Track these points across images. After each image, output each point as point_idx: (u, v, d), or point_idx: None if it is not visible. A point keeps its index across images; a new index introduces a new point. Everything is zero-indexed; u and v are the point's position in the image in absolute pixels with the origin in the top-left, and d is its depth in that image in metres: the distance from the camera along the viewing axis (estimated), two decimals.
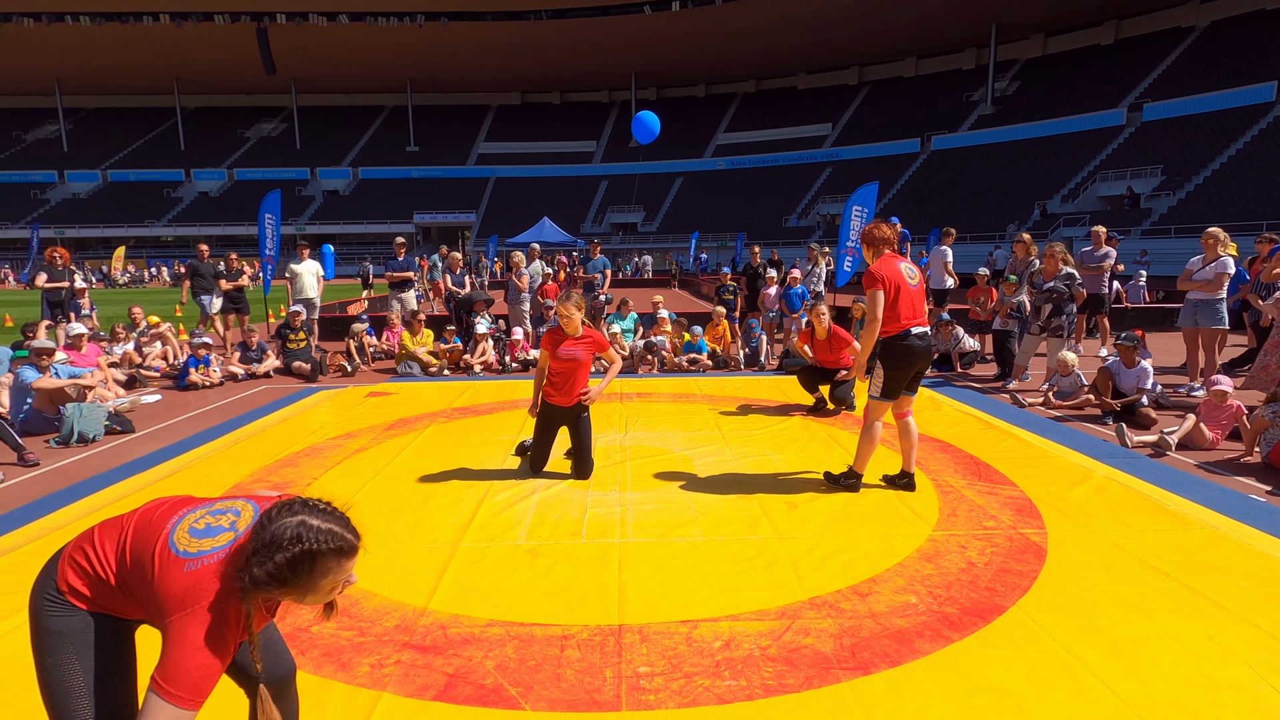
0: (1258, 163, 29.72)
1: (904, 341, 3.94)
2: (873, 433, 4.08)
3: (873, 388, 4.05)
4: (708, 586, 3.03)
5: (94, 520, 3.83)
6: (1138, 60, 42.28)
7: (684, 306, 16.41)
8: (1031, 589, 2.95)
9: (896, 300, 3.93)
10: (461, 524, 3.77)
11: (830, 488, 4.23)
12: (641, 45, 52.74)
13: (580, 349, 4.46)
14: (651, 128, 9.25)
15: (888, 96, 54.10)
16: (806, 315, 9.33)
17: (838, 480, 4.22)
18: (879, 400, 4.04)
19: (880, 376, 4.00)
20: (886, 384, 3.99)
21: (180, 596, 1.38)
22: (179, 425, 6.21)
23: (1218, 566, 3.12)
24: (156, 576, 1.42)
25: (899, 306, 3.93)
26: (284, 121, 63.19)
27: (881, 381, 4.00)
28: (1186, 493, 4.08)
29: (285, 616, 2.80)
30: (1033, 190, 37.53)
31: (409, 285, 10.71)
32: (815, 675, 2.37)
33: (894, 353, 3.96)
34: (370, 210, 53.17)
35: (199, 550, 1.43)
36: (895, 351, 3.96)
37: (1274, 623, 2.65)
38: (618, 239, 49.04)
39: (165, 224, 53.37)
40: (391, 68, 57.31)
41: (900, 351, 3.95)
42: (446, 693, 2.30)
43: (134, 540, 1.50)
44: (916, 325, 3.96)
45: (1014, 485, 4.27)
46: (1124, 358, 6.10)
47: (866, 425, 4.10)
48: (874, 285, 3.92)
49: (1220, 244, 6.78)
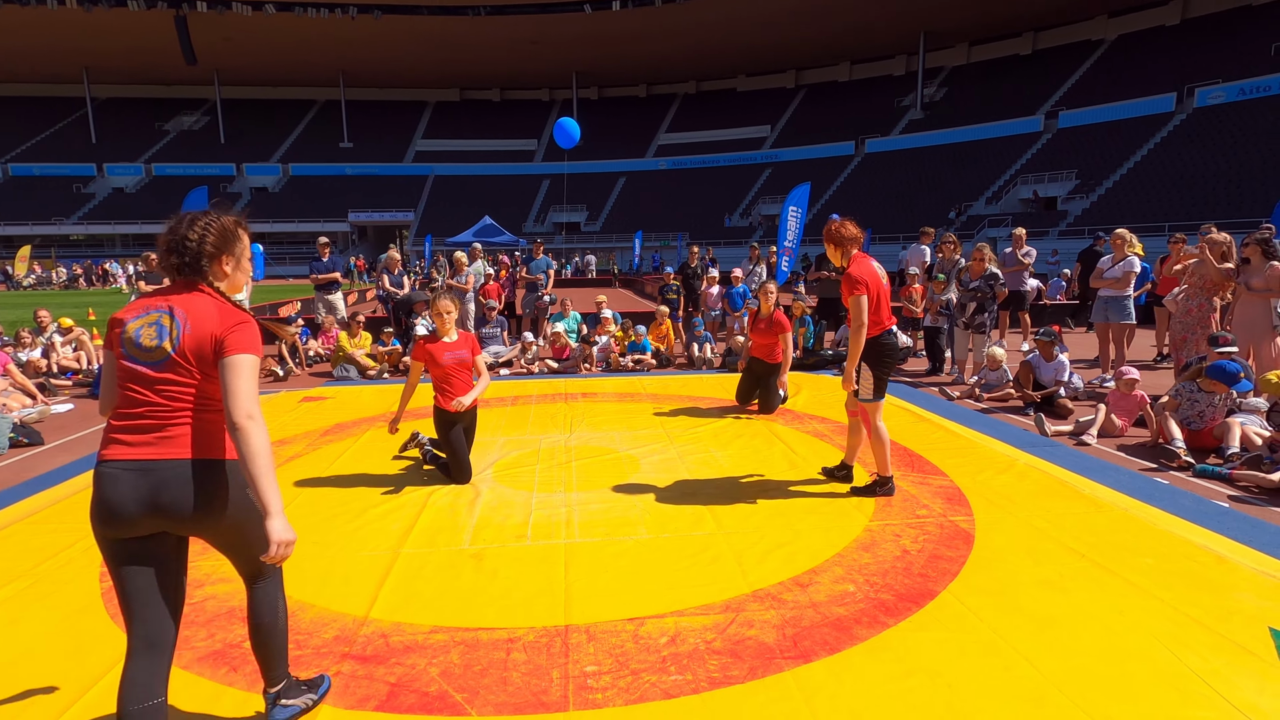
0: (1161, 168, 31.93)
1: (886, 341, 4.00)
2: (880, 433, 4.04)
3: (863, 391, 4.02)
4: (654, 583, 3.06)
5: (1, 538, 3.58)
6: (1053, 70, 44.74)
7: (627, 306, 16.46)
8: (961, 573, 3.10)
9: (879, 303, 3.95)
10: (403, 530, 3.68)
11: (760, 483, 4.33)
12: (582, 44, 52.50)
13: (464, 349, 4.55)
14: (572, 134, 9.44)
15: (824, 100, 55.55)
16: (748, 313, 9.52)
17: (871, 490, 4.12)
18: (873, 401, 4.02)
19: (869, 378, 3.99)
20: (876, 384, 4.00)
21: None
22: (94, 436, 5.85)
23: (1126, 546, 3.35)
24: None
25: (880, 308, 3.96)
26: (207, 114, 60.15)
27: (871, 383, 3.99)
28: (1099, 478, 4.35)
29: (216, 633, 2.69)
30: (959, 193, 39.23)
31: (335, 287, 10.37)
32: (759, 666, 2.43)
33: (879, 353, 3.99)
34: (302, 208, 51.16)
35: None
36: (880, 351, 3.99)
37: (1176, 596, 2.86)
38: (560, 238, 48.72)
39: (75, 221, 50.04)
40: (323, 60, 55.25)
41: (885, 351, 4.00)
42: (389, 702, 2.25)
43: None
44: (891, 323, 4.04)
45: (944, 475, 4.47)
46: (1043, 352, 6.46)
47: (873, 429, 4.06)
48: (857, 290, 3.88)
49: (1127, 244, 7.25)
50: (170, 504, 1.77)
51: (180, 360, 1.80)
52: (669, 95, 62.49)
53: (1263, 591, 2.89)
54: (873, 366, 4.00)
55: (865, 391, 4.03)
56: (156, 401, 1.79)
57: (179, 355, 1.80)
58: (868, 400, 4.04)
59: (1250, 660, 2.41)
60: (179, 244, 1.85)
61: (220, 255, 1.91)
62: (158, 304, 1.85)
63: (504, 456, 5.04)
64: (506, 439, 5.54)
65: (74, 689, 2.34)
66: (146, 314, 1.83)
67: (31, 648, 2.59)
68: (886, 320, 4.02)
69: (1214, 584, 2.96)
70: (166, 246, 1.87)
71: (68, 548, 3.50)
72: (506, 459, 4.98)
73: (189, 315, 1.82)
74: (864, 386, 4.02)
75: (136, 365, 1.80)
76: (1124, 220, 26.62)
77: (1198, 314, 6.54)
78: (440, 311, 4.55)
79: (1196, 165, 30.54)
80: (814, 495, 4.15)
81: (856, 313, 3.90)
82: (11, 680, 2.39)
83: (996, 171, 39.40)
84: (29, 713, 2.22)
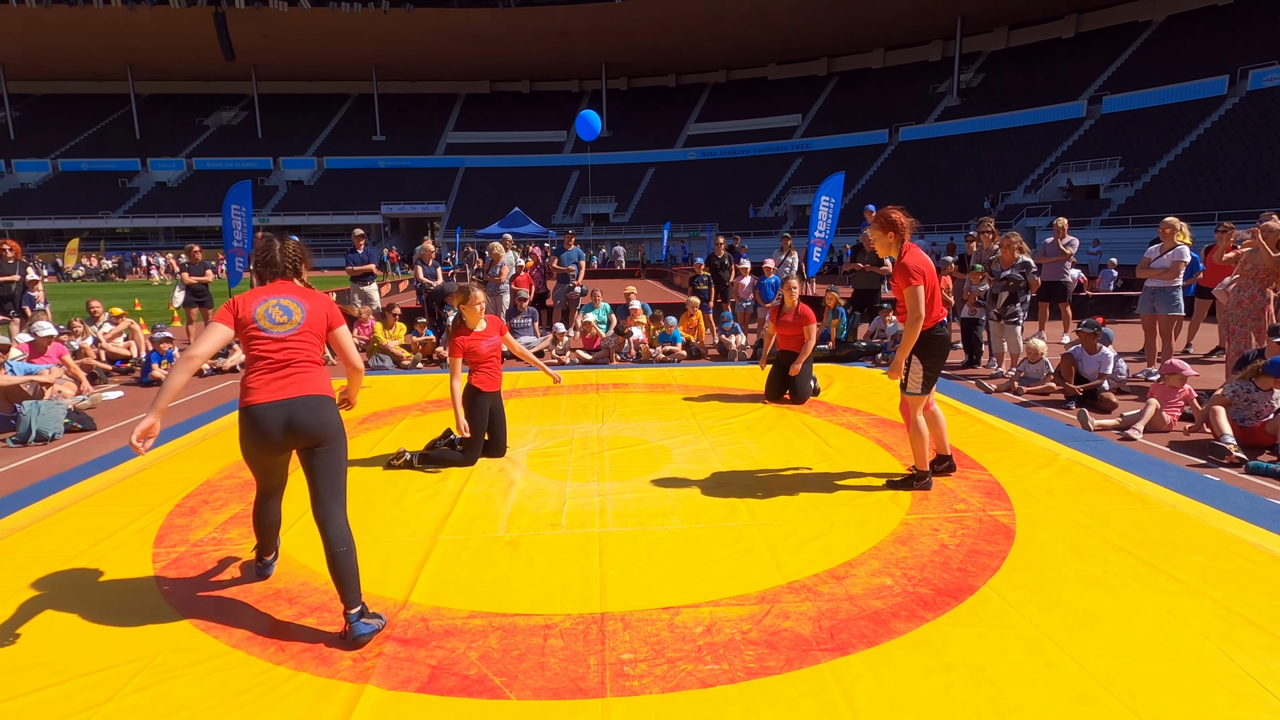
0: (1210, 154, 30.71)
1: (939, 333, 3.90)
2: (919, 427, 3.96)
3: (911, 384, 3.92)
4: (688, 573, 3.06)
5: (58, 520, 3.73)
6: (1097, 53, 43.28)
7: (657, 297, 16.43)
8: (1001, 569, 3.05)
9: (932, 295, 3.83)
10: (439, 517, 3.75)
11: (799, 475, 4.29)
12: (611, 34, 52.34)
13: (496, 335, 4.80)
14: (594, 126, 9.52)
15: (856, 88, 54.58)
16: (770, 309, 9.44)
17: (908, 483, 4.05)
18: (919, 395, 3.93)
19: (919, 371, 3.89)
20: (926, 377, 3.90)
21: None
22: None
23: (1175, 543, 3.25)
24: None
25: (934, 300, 3.84)
26: (245, 109, 61.49)
27: (920, 376, 3.89)
28: (1146, 473, 4.23)
29: (264, 613, 2.77)
30: (997, 181, 38.28)
31: (370, 278, 10.53)
32: (795, 657, 2.42)
33: (931, 346, 3.88)
34: (336, 201, 52.09)
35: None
36: (932, 345, 3.89)
37: (1228, 595, 2.77)
38: (589, 230, 48.81)
39: (121, 215, 51.64)
40: (356, 55, 56.02)
41: (937, 344, 3.90)
42: (430, 684, 2.30)
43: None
44: (943, 314, 3.94)
45: (983, 469, 4.39)
46: (1085, 344, 6.29)
47: (911, 423, 3.99)
48: (913, 280, 3.75)
49: (1176, 232, 7.00)
50: (301, 425, 2.57)
51: (305, 330, 2.66)
52: (699, 85, 62.02)
53: None
54: (922, 359, 3.90)
55: (913, 385, 3.93)
56: (285, 359, 2.60)
57: (304, 328, 2.65)
58: (913, 394, 3.95)
59: None
60: (276, 258, 2.72)
61: (302, 263, 2.81)
62: (274, 293, 2.68)
63: (538, 446, 5.09)
64: (539, 429, 5.59)
65: (129, 668, 2.43)
66: (267, 300, 2.65)
67: (89, 626, 2.70)
68: (939, 312, 3.92)
69: (1269, 584, 2.86)
70: (264, 260, 2.72)
71: (121, 529, 3.64)
72: (540, 448, 5.02)
73: (305, 301, 2.70)
74: (912, 379, 3.93)
75: (270, 334, 2.60)
76: (1169, 210, 25.76)
77: (1250, 305, 6.31)
78: (474, 303, 4.64)
79: (1249, 151, 29.31)
80: (848, 488, 4.11)
81: (914, 305, 3.76)
82: (70, 658, 2.50)
83: (1036, 159, 38.33)
84: (84, 694, 2.31)
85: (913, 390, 3.95)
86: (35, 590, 2.99)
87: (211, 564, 3.23)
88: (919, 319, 3.78)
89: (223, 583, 3.05)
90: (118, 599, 2.91)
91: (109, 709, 2.20)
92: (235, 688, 2.29)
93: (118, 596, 2.93)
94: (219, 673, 2.38)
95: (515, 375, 7.95)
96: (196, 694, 2.27)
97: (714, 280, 10.75)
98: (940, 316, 3.94)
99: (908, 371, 3.94)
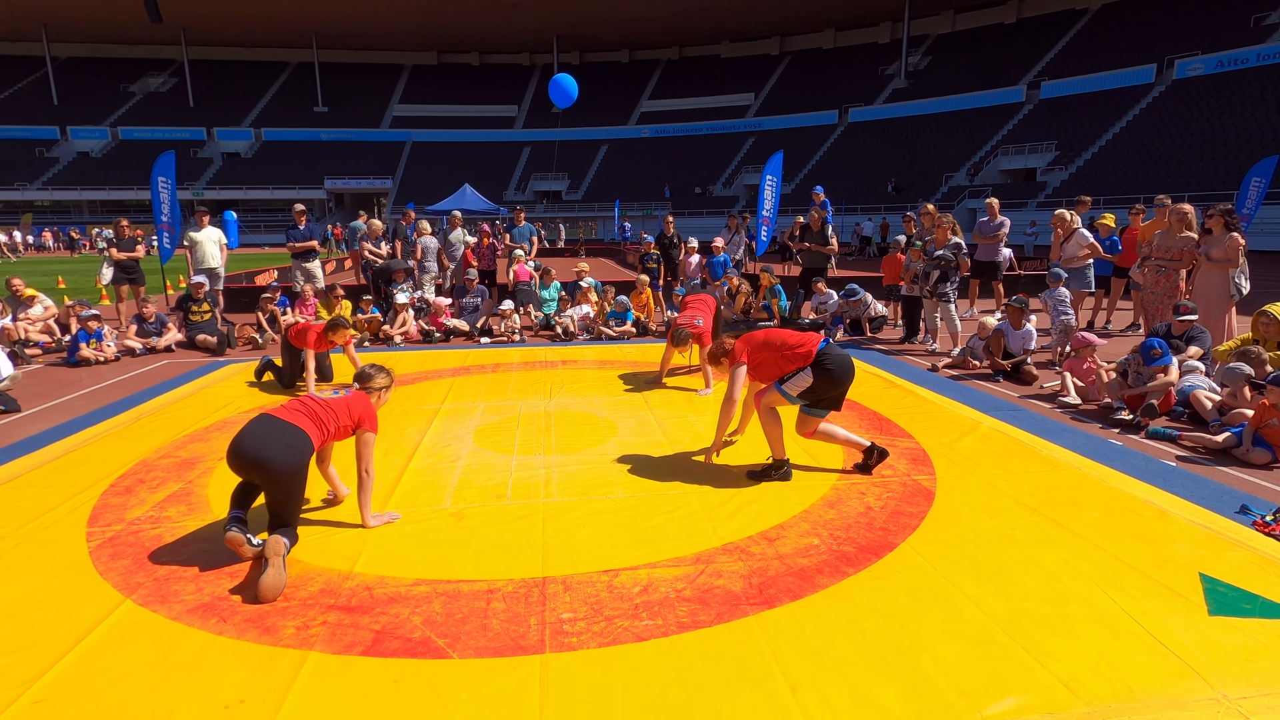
0: (1140, 139, 32.19)
1: (827, 365, 3.74)
2: (774, 415, 3.86)
3: (792, 389, 3.78)
4: (628, 538, 3.19)
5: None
6: (1037, 40, 44.63)
7: (608, 275, 16.46)
8: (920, 528, 3.27)
9: (781, 351, 3.85)
10: (385, 491, 3.78)
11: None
12: (563, 5, 51.32)
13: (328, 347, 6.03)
14: (569, 91, 9.14)
15: (808, 68, 55.02)
16: (728, 282, 9.61)
17: (767, 474, 3.88)
18: (791, 403, 3.82)
19: (807, 385, 3.75)
20: (812, 392, 3.78)
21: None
22: (71, 403, 5.84)
23: (1077, 501, 3.54)
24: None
25: (792, 354, 3.84)
26: (174, 76, 58.25)
27: (808, 388, 3.76)
28: (1057, 439, 4.55)
29: (204, 587, 2.78)
30: (942, 163, 39.31)
31: (313, 255, 10.27)
32: (725, 611, 2.58)
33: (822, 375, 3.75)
34: (276, 175, 50.07)
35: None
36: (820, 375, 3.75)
37: (1117, 545, 3.05)
38: (542, 207, 48.22)
39: (39, 187, 48.54)
40: (295, 20, 53.55)
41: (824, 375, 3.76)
42: (374, 647, 2.37)
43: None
44: (812, 348, 3.81)
45: (911, 437, 4.64)
46: (1012, 319, 6.64)
47: (765, 409, 3.86)
48: (738, 359, 3.89)
49: (1069, 221, 7.94)
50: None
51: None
52: (652, 61, 61.52)
53: (1197, 541, 3.09)
54: (819, 381, 3.72)
55: (794, 390, 3.75)
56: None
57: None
58: (788, 399, 3.78)
59: (1179, 602, 2.60)
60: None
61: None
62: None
63: (485, 422, 5.13)
64: (487, 404, 5.63)
65: (64, 643, 2.42)
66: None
67: (20, 606, 2.67)
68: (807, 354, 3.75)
69: (1153, 535, 3.15)
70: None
71: (51, 509, 3.56)
72: (488, 424, 5.07)
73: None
74: (797, 386, 3.74)
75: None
76: (1101, 191, 26.94)
77: (1167, 285, 6.77)
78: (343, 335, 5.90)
79: (1174, 137, 30.84)
80: None
81: (732, 384, 3.84)
82: (2, 636, 2.47)
83: (979, 142, 39.48)
84: (19, 669, 2.30)
85: (790, 394, 3.78)
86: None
87: (149, 542, 3.20)
88: (732, 401, 3.87)
89: (161, 559, 3.03)
90: (50, 578, 2.87)
91: (48, 681, 2.20)
92: (176, 659, 2.32)
93: (50, 575, 2.89)
94: (159, 645, 2.40)
95: (464, 353, 7.93)
96: (137, 665, 2.28)
97: (664, 259, 10.85)
98: (812, 349, 3.76)
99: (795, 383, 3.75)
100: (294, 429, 3.04)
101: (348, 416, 3.23)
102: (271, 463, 2.90)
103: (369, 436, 3.26)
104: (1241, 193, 11.65)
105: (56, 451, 4.49)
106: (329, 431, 3.17)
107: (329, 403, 3.22)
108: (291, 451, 2.97)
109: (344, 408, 3.24)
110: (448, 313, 9.14)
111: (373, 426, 3.28)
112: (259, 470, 2.93)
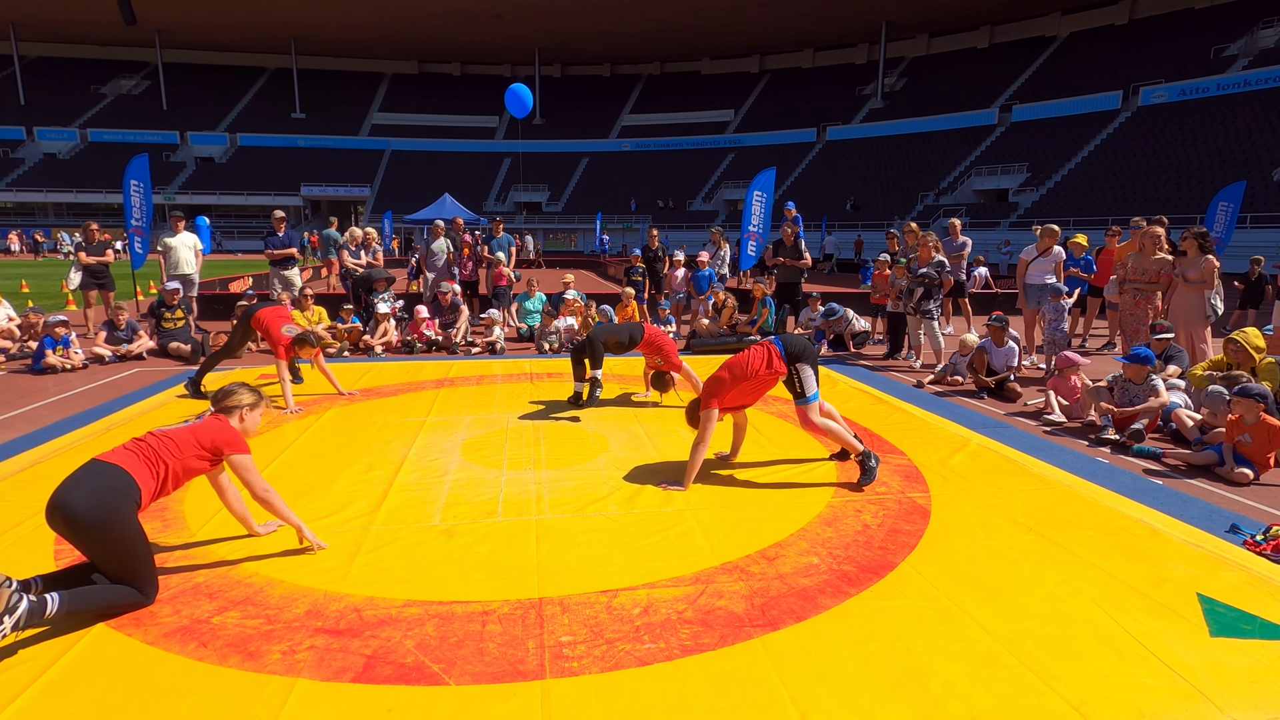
0: (1107, 163, 33.11)
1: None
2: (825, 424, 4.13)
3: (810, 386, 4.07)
4: (625, 557, 3.12)
5: None
6: (1008, 64, 45.82)
7: (592, 288, 16.41)
8: (918, 546, 3.25)
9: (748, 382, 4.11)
10: (370, 507, 3.66)
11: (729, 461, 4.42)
12: (545, 17, 51.43)
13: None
14: (525, 100, 9.36)
15: (787, 86, 55.80)
16: (713, 296, 9.62)
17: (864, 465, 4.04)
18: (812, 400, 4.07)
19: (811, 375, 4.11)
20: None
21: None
22: (36, 412, 5.61)
23: (1071, 520, 3.55)
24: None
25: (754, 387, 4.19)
26: (147, 78, 57.16)
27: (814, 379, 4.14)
28: (1046, 457, 4.58)
29: (181, 609, 2.65)
30: (918, 182, 40.04)
31: (291, 263, 10.07)
32: (729, 634, 2.52)
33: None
34: (252, 180, 49.23)
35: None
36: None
37: (1114, 565, 3.05)
38: (522, 218, 48.08)
39: (3, 188, 47.17)
40: (272, 25, 52.91)
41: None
42: (366, 674, 2.26)
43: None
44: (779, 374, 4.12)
45: (902, 454, 4.64)
46: (995, 338, 6.71)
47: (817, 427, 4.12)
48: (710, 405, 4.03)
49: (1049, 238, 8.10)
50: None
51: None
52: (633, 76, 61.91)
53: (1191, 560, 3.10)
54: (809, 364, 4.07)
55: (809, 390, 4.04)
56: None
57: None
58: (815, 398, 4.06)
59: (1179, 623, 2.60)
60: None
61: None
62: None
63: (472, 435, 5.03)
64: (473, 418, 5.52)
65: (35, 667, 2.28)
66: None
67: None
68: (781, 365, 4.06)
69: (1148, 554, 3.17)
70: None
71: (17, 525, 3.38)
72: (474, 438, 4.97)
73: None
74: (809, 384, 4.05)
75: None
76: (1071, 213, 27.65)
77: (1143, 306, 6.91)
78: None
79: (1138, 162, 31.77)
80: (779, 473, 4.26)
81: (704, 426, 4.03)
82: None
83: (953, 162, 40.30)
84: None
85: (813, 392, 4.06)
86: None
87: None
88: (704, 443, 3.98)
89: None
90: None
91: (18, 707, 2.06)
92: (155, 687, 2.19)
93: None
94: (136, 671, 2.27)
95: (448, 364, 7.80)
96: (111, 693, 2.15)
97: (648, 272, 10.83)
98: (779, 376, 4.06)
99: (802, 382, 4.04)
100: (112, 469, 2.56)
101: (196, 446, 2.79)
102: (72, 510, 2.41)
103: (241, 459, 2.86)
104: (1209, 216, 12.00)
105: (21, 464, 4.29)
106: (166, 469, 2.68)
107: (171, 433, 2.80)
108: (95, 496, 2.45)
109: (189, 437, 2.79)
110: (429, 324, 9.00)
111: (239, 448, 2.88)
112: (59, 521, 2.44)
